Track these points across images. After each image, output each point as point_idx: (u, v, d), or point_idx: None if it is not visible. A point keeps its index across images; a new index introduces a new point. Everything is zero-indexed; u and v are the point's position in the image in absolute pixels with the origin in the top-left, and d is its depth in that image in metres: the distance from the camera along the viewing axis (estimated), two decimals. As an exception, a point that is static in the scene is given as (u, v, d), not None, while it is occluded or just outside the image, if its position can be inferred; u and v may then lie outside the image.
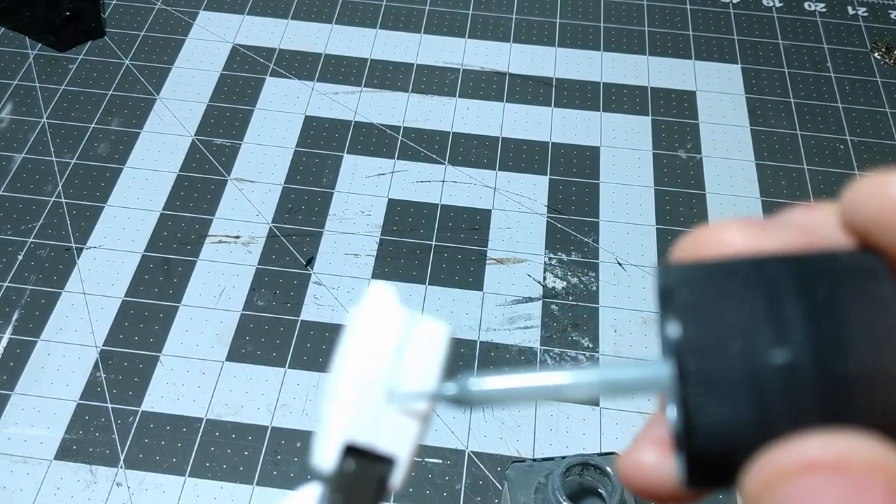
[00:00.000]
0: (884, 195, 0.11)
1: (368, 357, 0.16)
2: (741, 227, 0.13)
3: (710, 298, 0.11)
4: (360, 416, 0.16)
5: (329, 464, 0.16)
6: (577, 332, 0.54)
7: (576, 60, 0.70)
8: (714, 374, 0.11)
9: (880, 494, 0.09)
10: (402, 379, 0.16)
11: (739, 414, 0.10)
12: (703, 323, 0.11)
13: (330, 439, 0.16)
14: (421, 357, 0.17)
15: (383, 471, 0.16)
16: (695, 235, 0.13)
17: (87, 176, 0.60)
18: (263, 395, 0.50)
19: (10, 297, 0.54)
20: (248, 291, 0.55)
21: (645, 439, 0.13)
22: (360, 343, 0.16)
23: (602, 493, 0.38)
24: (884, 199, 0.11)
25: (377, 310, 0.17)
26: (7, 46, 0.69)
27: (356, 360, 0.16)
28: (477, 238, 0.58)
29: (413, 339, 0.17)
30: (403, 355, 0.17)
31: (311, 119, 0.65)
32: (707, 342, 0.11)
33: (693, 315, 0.11)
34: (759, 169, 0.63)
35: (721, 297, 0.11)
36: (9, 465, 0.47)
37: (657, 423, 0.13)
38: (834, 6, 0.76)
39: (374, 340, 0.16)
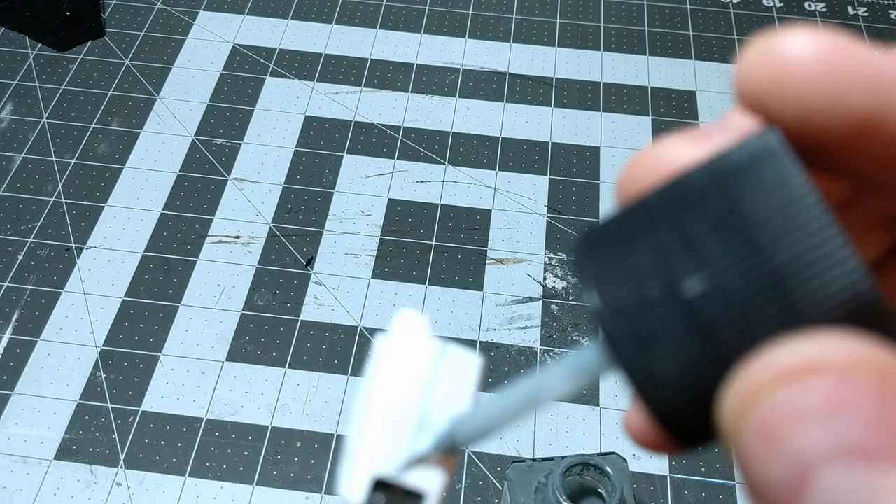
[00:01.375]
0: (768, 61, 0.10)
1: (397, 388, 0.16)
2: (679, 141, 0.11)
3: (618, 251, 0.10)
4: (389, 449, 0.16)
5: (357, 498, 0.15)
6: (577, 332, 0.54)
7: (576, 60, 0.70)
8: (642, 329, 0.10)
9: (873, 390, 0.08)
10: (433, 411, 0.16)
11: (686, 358, 0.10)
12: (615, 281, 0.10)
13: (358, 472, 0.16)
14: (452, 388, 0.16)
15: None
16: (631, 163, 0.12)
17: (87, 176, 0.60)
18: (263, 395, 0.50)
19: (10, 297, 0.54)
20: (248, 291, 0.55)
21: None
22: (389, 373, 0.16)
23: (602, 493, 0.38)
24: (768, 66, 0.10)
25: (406, 339, 0.16)
26: (7, 46, 0.69)
27: (385, 390, 0.16)
28: (477, 238, 0.58)
29: (444, 369, 0.16)
30: (434, 387, 0.16)
31: (311, 119, 0.65)
32: (623, 299, 0.10)
33: (604, 276, 0.10)
34: (759, 169, 0.63)
35: (627, 245, 0.10)
36: (9, 465, 0.47)
37: None
38: (834, 6, 0.76)
39: (404, 371, 0.16)
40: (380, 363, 0.16)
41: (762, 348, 0.09)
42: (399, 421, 0.16)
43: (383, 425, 0.16)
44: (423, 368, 0.16)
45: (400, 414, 0.16)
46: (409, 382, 0.16)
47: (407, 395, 0.16)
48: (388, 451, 0.16)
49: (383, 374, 0.16)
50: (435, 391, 0.16)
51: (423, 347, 0.16)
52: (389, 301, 0.55)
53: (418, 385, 0.16)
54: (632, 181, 0.12)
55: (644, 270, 0.10)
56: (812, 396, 0.08)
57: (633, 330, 0.10)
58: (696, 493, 0.47)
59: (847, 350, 0.08)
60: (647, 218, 0.10)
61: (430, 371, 0.16)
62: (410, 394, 0.16)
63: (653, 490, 0.47)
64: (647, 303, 0.10)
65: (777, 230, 0.09)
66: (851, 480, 0.08)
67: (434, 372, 0.16)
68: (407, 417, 0.16)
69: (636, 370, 0.10)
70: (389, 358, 0.16)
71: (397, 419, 0.16)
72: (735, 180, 0.10)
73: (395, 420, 0.16)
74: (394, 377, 0.16)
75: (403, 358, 0.16)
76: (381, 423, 0.16)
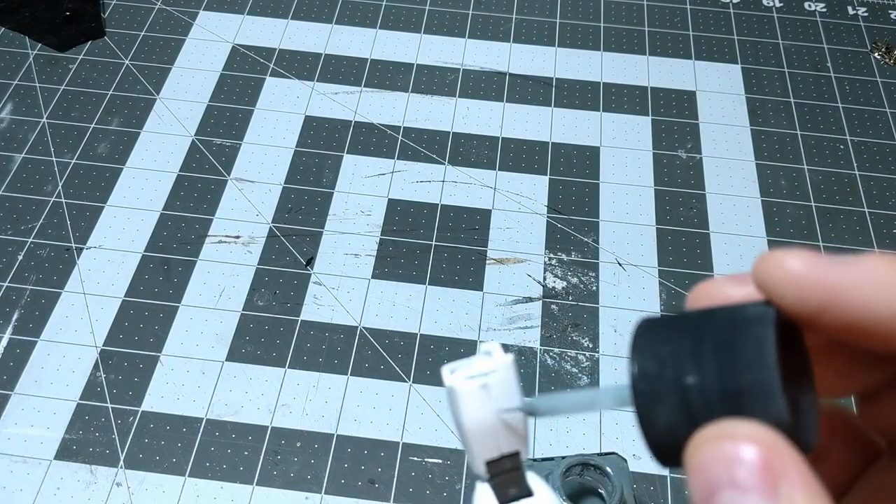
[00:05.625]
0: (775, 265, 0.16)
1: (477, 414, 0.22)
2: (727, 281, 0.18)
3: (657, 342, 0.17)
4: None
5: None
6: (577, 332, 0.54)
7: (576, 60, 0.70)
8: (654, 391, 0.16)
9: (752, 450, 0.14)
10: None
11: (673, 416, 0.16)
12: (648, 357, 0.17)
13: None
14: (503, 393, 0.22)
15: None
16: (697, 289, 0.18)
17: (87, 176, 0.60)
18: (263, 395, 0.50)
19: (10, 297, 0.54)
20: (248, 291, 0.55)
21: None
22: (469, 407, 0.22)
23: (602, 493, 0.38)
24: (775, 269, 0.16)
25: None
26: (7, 46, 0.69)
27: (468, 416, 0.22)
28: (477, 238, 0.58)
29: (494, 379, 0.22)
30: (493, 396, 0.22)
31: (311, 119, 0.65)
32: (649, 370, 0.16)
33: (643, 352, 0.17)
34: (759, 169, 0.63)
35: (664, 341, 0.17)
36: (9, 465, 0.47)
37: None
38: (834, 6, 0.76)
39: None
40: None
41: (713, 424, 0.15)
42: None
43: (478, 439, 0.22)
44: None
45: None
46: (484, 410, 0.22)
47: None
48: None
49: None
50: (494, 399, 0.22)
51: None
52: (389, 301, 0.55)
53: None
54: (694, 300, 0.18)
55: (667, 358, 0.16)
56: (722, 450, 0.15)
57: (649, 390, 0.16)
58: (696, 493, 0.47)
59: (751, 429, 0.15)
60: (683, 327, 0.17)
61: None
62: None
63: (653, 490, 0.47)
64: (662, 378, 0.16)
65: (748, 367, 0.15)
66: (737, 500, 0.14)
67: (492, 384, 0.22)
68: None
69: (643, 415, 0.16)
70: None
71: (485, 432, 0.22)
72: (738, 326, 0.16)
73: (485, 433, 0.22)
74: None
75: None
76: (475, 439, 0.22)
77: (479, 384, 0.22)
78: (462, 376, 0.22)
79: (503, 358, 0.22)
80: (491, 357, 0.22)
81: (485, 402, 0.22)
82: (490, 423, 0.22)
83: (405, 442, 0.49)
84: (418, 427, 0.49)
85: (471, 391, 0.22)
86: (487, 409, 0.22)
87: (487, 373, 0.22)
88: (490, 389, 0.22)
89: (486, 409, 0.22)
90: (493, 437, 0.22)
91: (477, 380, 0.22)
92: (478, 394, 0.22)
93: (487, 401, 0.22)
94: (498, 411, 0.22)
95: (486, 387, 0.22)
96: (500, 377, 0.22)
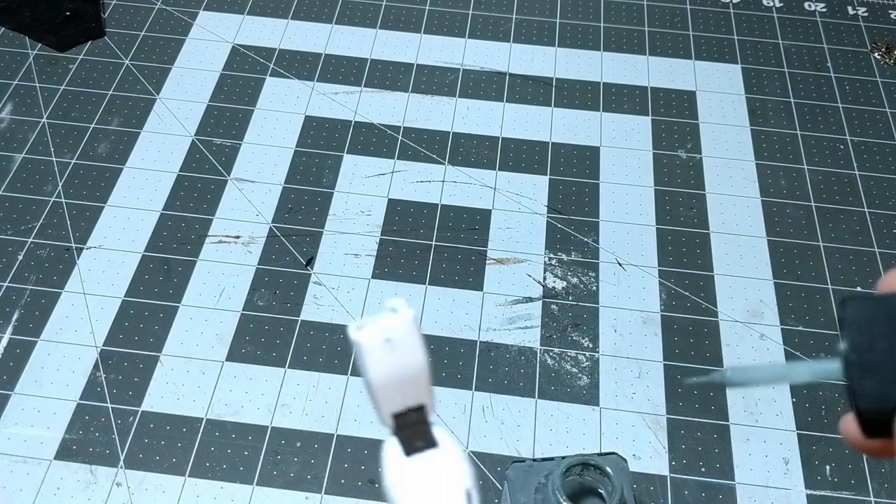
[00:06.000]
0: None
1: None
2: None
3: (866, 319, 0.19)
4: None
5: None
6: (577, 332, 0.54)
7: (576, 60, 0.70)
8: (866, 362, 0.18)
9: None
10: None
11: (883, 387, 0.18)
12: (859, 334, 0.19)
13: None
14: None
15: None
16: (892, 272, 0.21)
17: (87, 176, 0.60)
18: (263, 395, 0.50)
19: (10, 297, 0.54)
20: (248, 291, 0.55)
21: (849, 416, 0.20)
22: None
23: (602, 493, 0.38)
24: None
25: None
26: (7, 46, 0.69)
27: None
28: (477, 238, 0.58)
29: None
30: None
31: (311, 119, 0.65)
32: (861, 344, 0.18)
33: (854, 329, 0.19)
34: (759, 169, 0.63)
35: (872, 319, 0.19)
36: (9, 465, 0.47)
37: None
38: (834, 6, 0.76)
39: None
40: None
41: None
42: None
43: None
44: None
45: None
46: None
47: None
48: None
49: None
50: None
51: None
52: (389, 301, 0.54)
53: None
54: (889, 284, 0.21)
55: (878, 332, 0.18)
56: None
57: (861, 362, 0.18)
58: (695, 493, 0.47)
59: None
60: (889, 305, 0.19)
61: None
62: None
63: (653, 490, 0.47)
64: (873, 351, 0.18)
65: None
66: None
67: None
68: None
69: (855, 385, 0.18)
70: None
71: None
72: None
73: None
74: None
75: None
76: None
77: (383, 338, 0.23)
78: (367, 332, 0.23)
79: (406, 313, 0.23)
80: (396, 314, 0.23)
81: (389, 356, 0.23)
82: (395, 376, 0.23)
83: (405, 442, 0.49)
84: (418, 427, 0.49)
85: (376, 345, 0.23)
86: (392, 362, 0.23)
87: (392, 328, 0.23)
88: (394, 344, 0.23)
89: (390, 363, 0.23)
90: (399, 390, 0.23)
91: (382, 334, 0.23)
92: (382, 348, 0.23)
93: (392, 355, 0.23)
94: (403, 365, 0.23)
95: (390, 341, 0.23)
96: (404, 332, 0.23)
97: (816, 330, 0.54)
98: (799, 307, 0.55)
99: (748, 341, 0.54)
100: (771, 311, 0.55)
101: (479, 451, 0.48)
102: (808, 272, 0.57)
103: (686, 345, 0.53)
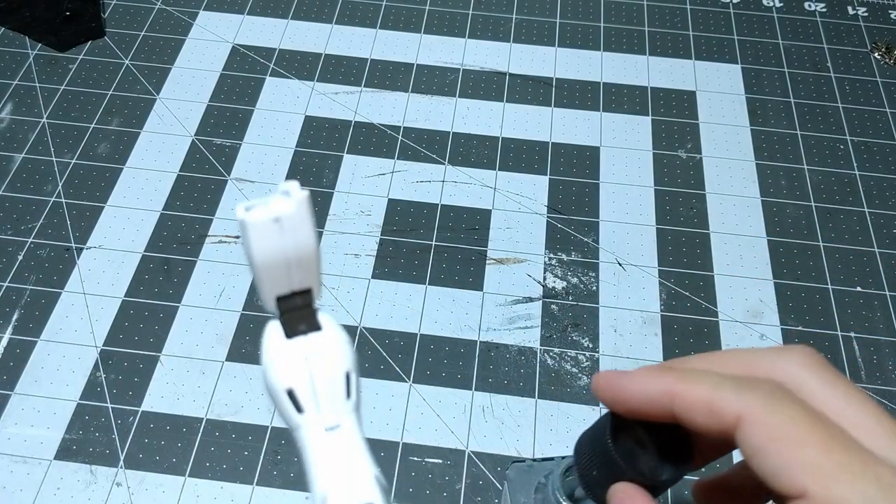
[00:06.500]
0: (596, 388, 0.25)
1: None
2: (614, 376, 0.25)
3: (583, 444, 0.27)
4: None
5: None
6: (577, 332, 0.54)
7: (576, 60, 0.70)
8: (581, 471, 0.27)
9: (620, 494, 0.25)
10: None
11: (591, 481, 0.26)
12: (580, 455, 0.27)
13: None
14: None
15: None
16: (601, 379, 0.25)
17: (87, 176, 0.60)
18: (263, 395, 0.50)
19: (10, 297, 0.54)
20: (248, 291, 0.55)
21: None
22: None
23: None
24: (597, 389, 0.25)
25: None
26: (7, 46, 0.69)
27: None
28: (477, 238, 0.58)
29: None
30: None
31: (311, 119, 0.65)
32: (580, 462, 0.27)
33: (578, 458, 0.27)
34: (759, 169, 0.63)
35: (585, 443, 0.27)
36: (9, 465, 0.47)
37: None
38: (834, 6, 0.76)
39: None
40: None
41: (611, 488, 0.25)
42: None
43: None
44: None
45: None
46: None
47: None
48: None
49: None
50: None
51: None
52: (389, 301, 0.55)
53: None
54: (596, 388, 0.26)
55: (587, 458, 0.26)
56: (615, 498, 0.25)
57: (583, 473, 0.27)
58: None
59: (621, 486, 0.25)
60: (592, 435, 0.27)
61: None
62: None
63: (653, 490, 0.47)
64: (585, 465, 0.26)
65: (592, 458, 0.26)
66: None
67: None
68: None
69: (583, 482, 0.27)
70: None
71: None
72: (597, 430, 0.26)
73: None
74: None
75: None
76: None
77: (271, 217, 0.21)
78: (256, 212, 0.22)
79: (299, 195, 0.22)
80: (289, 197, 0.22)
81: (276, 237, 0.22)
82: (282, 258, 0.22)
83: (405, 442, 0.49)
84: (418, 427, 0.49)
85: (262, 224, 0.21)
86: (279, 243, 0.22)
87: (283, 209, 0.22)
88: (283, 224, 0.21)
89: (277, 244, 0.22)
90: (286, 272, 0.22)
91: (270, 214, 0.21)
92: (270, 227, 0.21)
93: (280, 235, 0.22)
94: (291, 247, 0.22)
95: (278, 220, 0.21)
96: (295, 213, 0.22)
97: (816, 330, 0.54)
98: (799, 307, 0.55)
99: (748, 341, 0.54)
100: (771, 311, 0.55)
101: (479, 451, 0.48)
102: (808, 272, 0.57)
103: (686, 345, 0.53)
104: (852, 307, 0.56)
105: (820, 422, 0.21)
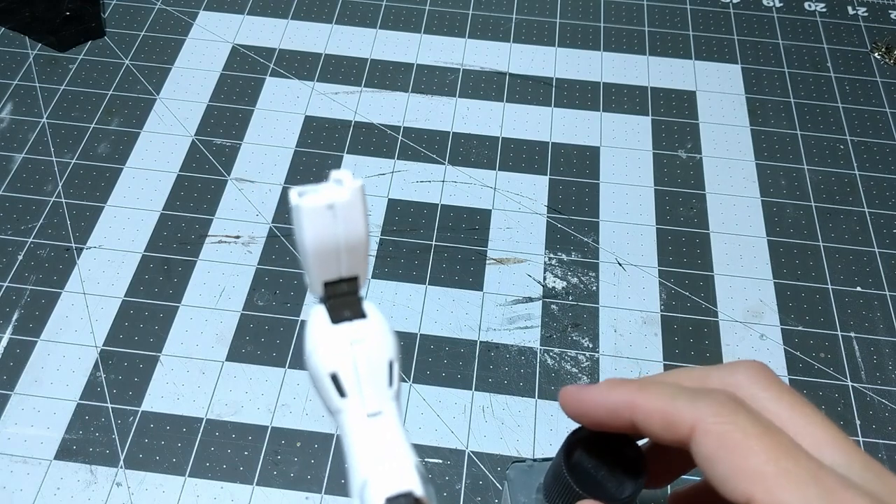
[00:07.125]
0: (562, 402, 0.26)
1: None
2: (580, 391, 0.26)
3: (546, 474, 0.28)
4: None
5: None
6: (577, 332, 0.54)
7: (576, 60, 0.70)
8: (547, 491, 0.28)
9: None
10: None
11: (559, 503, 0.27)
12: (546, 486, 0.28)
13: None
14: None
15: None
16: (566, 394, 0.26)
17: (87, 176, 0.60)
18: (263, 395, 0.50)
19: (10, 297, 0.54)
20: (248, 291, 0.55)
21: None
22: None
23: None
24: (563, 405, 0.26)
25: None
26: (7, 46, 0.69)
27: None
28: (477, 238, 0.58)
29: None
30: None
31: (311, 119, 0.65)
32: (547, 494, 0.28)
33: (545, 480, 0.29)
34: (759, 169, 0.63)
35: (548, 473, 0.28)
36: (9, 465, 0.47)
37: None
38: (834, 6, 0.76)
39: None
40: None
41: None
42: None
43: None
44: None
45: None
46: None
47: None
48: None
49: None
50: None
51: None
52: (389, 301, 0.55)
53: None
54: (571, 404, 0.27)
55: (551, 484, 0.28)
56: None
57: (547, 496, 0.28)
58: (696, 493, 0.47)
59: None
60: (553, 464, 0.28)
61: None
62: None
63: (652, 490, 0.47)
64: (550, 493, 0.28)
65: (552, 477, 0.28)
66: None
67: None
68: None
69: (546, 491, 0.28)
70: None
71: None
72: (555, 460, 0.28)
73: None
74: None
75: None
76: None
77: (325, 204, 0.21)
78: (310, 197, 0.22)
79: (353, 183, 0.22)
80: (342, 185, 0.22)
81: (329, 223, 0.22)
82: (333, 244, 0.22)
83: (405, 442, 0.49)
84: (418, 427, 0.49)
85: (316, 210, 0.21)
86: (332, 230, 0.22)
87: (337, 196, 0.22)
88: (336, 210, 0.21)
89: (330, 230, 0.22)
90: (335, 259, 0.22)
91: (325, 200, 0.21)
92: (323, 213, 0.21)
93: (332, 222, 0.22)
94: (343, 233, 0.22)
95: (332, 207, 0.21)
96: (349, 201, 0.22)
97: (816, 330, 0.54)
98: (799, 307, 0.55)
99: (748, 341, 0.54)
100: (771, 311, 0.55)
101: (479, 451, 0.48)
102: (808, 272, 0.57)
103: (686, 345, 0.53)
104: (852, 307, 0.56)
105: (767, 431, 0.21)
